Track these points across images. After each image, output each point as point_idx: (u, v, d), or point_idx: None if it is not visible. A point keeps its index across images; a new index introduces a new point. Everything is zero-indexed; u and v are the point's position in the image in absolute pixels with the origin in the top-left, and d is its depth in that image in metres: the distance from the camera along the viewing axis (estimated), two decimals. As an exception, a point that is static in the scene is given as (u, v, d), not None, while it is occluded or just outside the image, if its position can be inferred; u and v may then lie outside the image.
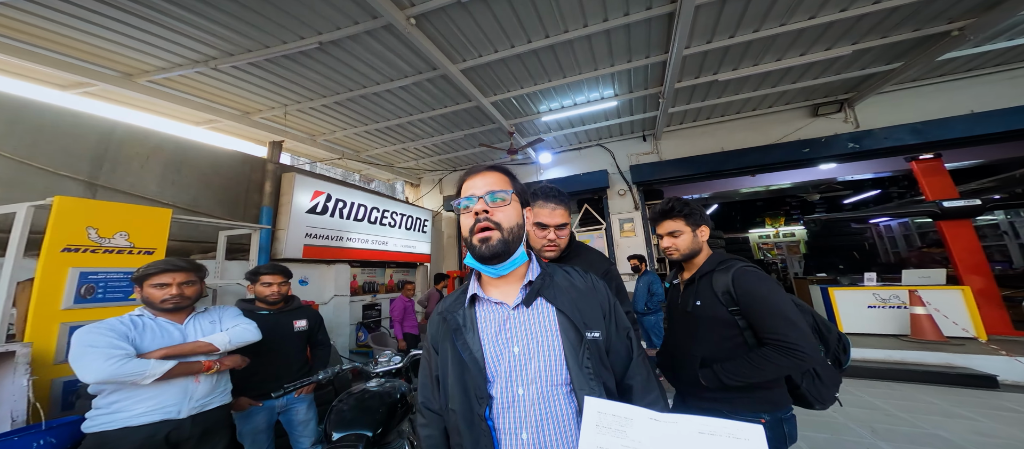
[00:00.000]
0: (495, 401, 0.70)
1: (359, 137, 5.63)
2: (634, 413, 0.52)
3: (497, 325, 0.75)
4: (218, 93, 4.20)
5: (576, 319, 0.72)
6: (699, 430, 0.47)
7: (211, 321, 1.50)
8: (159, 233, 2.17)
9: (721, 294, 1.16)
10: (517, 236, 0.76)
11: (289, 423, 1.81)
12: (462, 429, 0.70)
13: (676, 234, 1.28)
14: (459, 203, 0.78)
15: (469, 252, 0.77)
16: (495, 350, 0.73)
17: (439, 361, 0.78)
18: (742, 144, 5.34)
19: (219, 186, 3.63)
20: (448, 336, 0.77)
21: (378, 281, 5.37)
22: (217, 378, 1.43)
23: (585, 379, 0.68)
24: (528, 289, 0.76)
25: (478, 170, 0.80)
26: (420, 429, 0.81)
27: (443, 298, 0.89)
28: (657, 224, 1.34)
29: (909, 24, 3.36)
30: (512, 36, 3.46)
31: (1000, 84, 4.32)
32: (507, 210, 0.76)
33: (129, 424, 1.21)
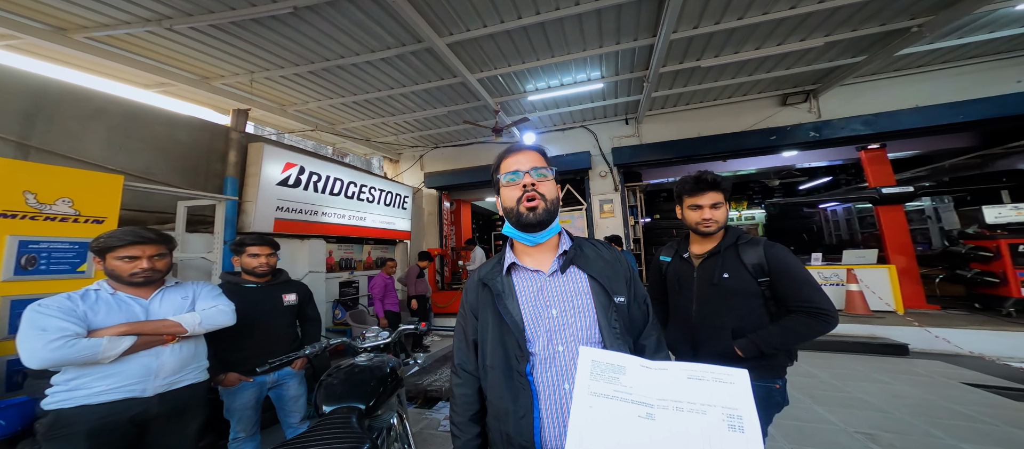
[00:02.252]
0: (536, 358, 0.78)
1: (334, 109, 5.26)
2: (626, 361, 0.53)
3: (535, 290, 0.83)
4: (172, 55, 3.74)
5: (606, 285, 0.80)
6: (688, 375, 0.48)
7: (183, 297, 1.39)
8: (109, 201, 1.97)
9: (751, 266, 1.19)
10: (556, 207, 0.84)
11: (279, 399, 1.77)
12: (502, 384, 0.77)
13: (718, 206, 1.24)
14: (502, 177, 0.85)
15: (509, 222, 0.85)
16: (534, 313, 0.80)
17: (479, 325, 0.85)
18: (718, 130, 5.58)
19: (176, 154, 3.32)
20: (490, 302, 0.84)
21: (355, 258, 5.21)
22: (190, 355, 1.34)
23: (614, 337, 0.76)
24: (563, 258, 0.84)
25: (518, 149, 0.88)
26: (455, 388, 0.88)
27: (478, 267, 0.95)
28: (695, 195, 1.26)
29: (877, 19, 3.58)
30: (503, 11, 3.32)
31: (944, 80, 4.77)
32: (549, 185, 0.83)
33: (88, 402, 1.13)
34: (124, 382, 1.18)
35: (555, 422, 0.73)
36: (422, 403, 3.02)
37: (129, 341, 1.19)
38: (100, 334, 1.16)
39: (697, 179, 1.25)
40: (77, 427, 1.12)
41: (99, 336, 1.16)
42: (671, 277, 1.37)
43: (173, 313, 1.32)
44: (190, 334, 1.32)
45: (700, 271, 1.28)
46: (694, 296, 1.27)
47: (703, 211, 1.25)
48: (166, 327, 1.27)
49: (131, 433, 1.20)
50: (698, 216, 1.26)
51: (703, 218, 1.25)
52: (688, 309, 1.28)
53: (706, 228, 1.25)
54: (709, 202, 1.24)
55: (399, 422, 1.70)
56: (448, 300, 6.45)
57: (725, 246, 1.25)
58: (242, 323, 1.52)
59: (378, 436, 1.46)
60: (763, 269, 1.19)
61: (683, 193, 1.30)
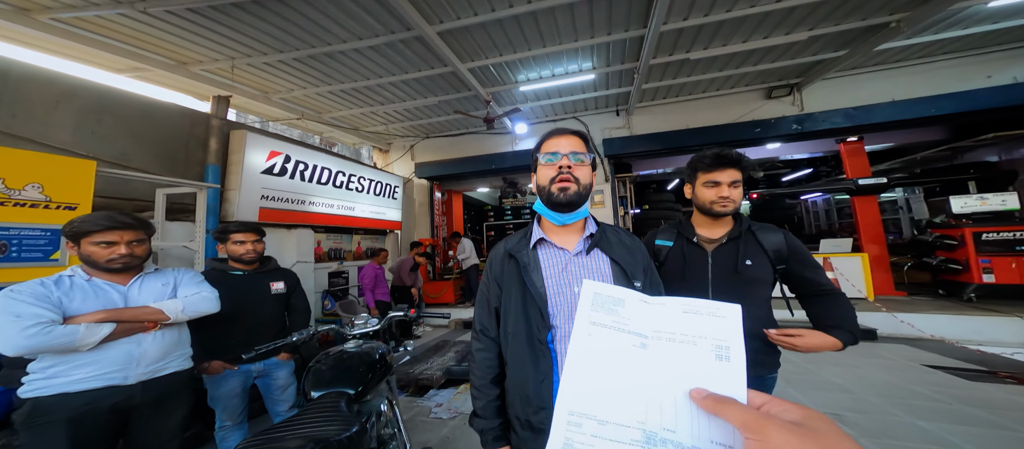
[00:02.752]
0: (557, 330, 0.82)
1: (321, 97, 5.12)
2: (626, 294, 0.55)
3: (560, 267, 0.87)
4: (147, 39, 3.56)
5: (627, 269, 0.85)
6: (684, 310, 0.50)
7: (164, 284, 1.36)
8: (81, 187, 1.91)
9: (772, 252, 1.14)
10: (588, 191, 0.88)
11: (267, 387, 1.76)
12: (524, 351, 0.81)
13: (736, 185, 1.14)
14: (542, 157, 0.88)
15: (540, 199, 0.90)
16: (557, 287, 0.84)
17: (503, 295, 0.89)
18: (705, 122, 5.67)
19: (152, 140, 3.21)
20: (515, 272, 0.88)
21: (345, 248, 5.16)
22: (173, 342, 1.32)
23: None
24: (590, 240, 0.88)
25: (562, 132, 0.90)
26: (476, 353, 0.93)
27: (504, 240, 0.98)
28: (714, 170, 1.14)
29: (859, 13, 3.67)
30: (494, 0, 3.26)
31: (919, 75, 4.94)
32: (585, 170, 0.87)
33: (67, 390, 1.11)
34: (104, 369, 1.16)
35: None
36: (414, 391, 3.05)
37: (108, 328, 1.17)
38: (77, 321, 1.13)
39: (718, 154, 1.14)
40: (56, 415, 1.10)
41: (76, 323, 1.13)
42: (673, 263, 1.23)
43: (154, 300, 1.30)
44: (173, 321, 1.30)
45: (716, 257, 1.17)
46: (710, 284, 1.16)
47: (721, 188, 1.13)
48: (147, 314, 1.24)
49: (113, 421, 1.18)
50: (714, 194, 1.14)
51: (721, 196, 1.13)
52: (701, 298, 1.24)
53: (723, 207, 1.13)
54: (728, 179, 1.13)
55: (389, 408, 1.72)
56: (439, 290, 6.46)
57: (743, 230, 1.16)
58: (228, 310, 1.50)
59: (367, 420, 1.48)
60: (782, 256, 1.14)
61: (699, 168, 1.18)
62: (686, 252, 1.21)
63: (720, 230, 1.19)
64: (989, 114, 4.77)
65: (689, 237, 1.22)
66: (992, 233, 4.39)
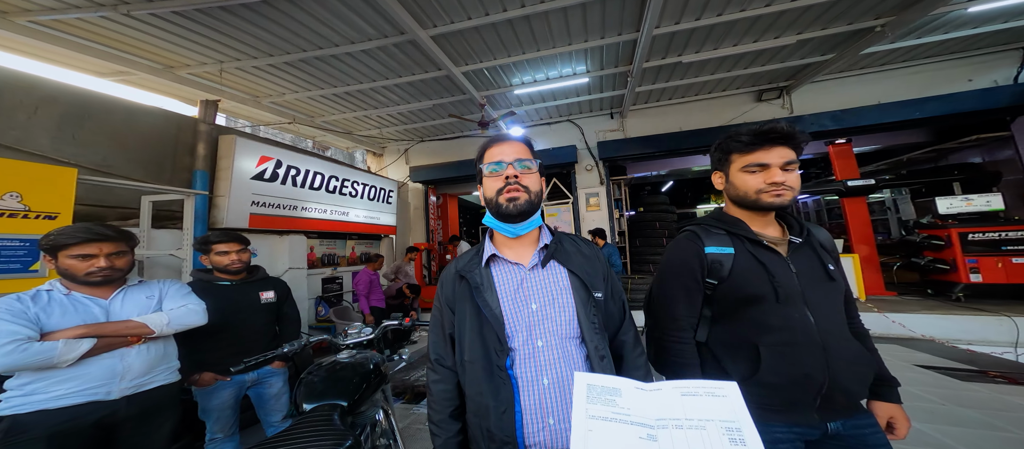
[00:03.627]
0: (516, 353, 0.76)
1: (313, 101, 5.06)
2: (621, 383, 0.54)
3: (515, 284, 0.81)
4: (131, 42, 3.49)
5: (586, 280, 0.80)
6: (681, 392, 0.49)
7: (148, 296, 1.32)
8: (62, 195, 1.86)
9: (834, 252, 0.91)
10: (539, 199, 0.83)
11: (260, 397, 1.72)
12: (482, 379, 0.75)
13: (793, 167, 0.83)
14: (485, 167, 0.83)
15: (490, 212, 0.84)
16: (514, 306, 0.79)
17: (456, 319, 0.83)
18: (698, 125, 5.73)
19: (137, 146, 3.14)
20: (467, 295, 0.81)
21: (338, 253, 5.10)
22: (159, 356, 1.29)
23: (593, 331, 0.76)
24: (544, 252, 0.83)
25: (503, 139, 0.85)
26: (432, 385, 0.85)
27: (455, 259, 0.91)
28: (755, 150, 0.84)
29: (845, 17, 3.75)
30: (487, 3, 3.27)
31: (904, 79, 5.07)
32: (532, 177, 0.82)
33: (46, 407, 1.07)
34: (86, 385, 1.12)
35: (535, 417, 0.72)
36: (410, 399, 3.01)
37: (88, 344, 1.13)
38: (56, 337, 1.09)
39: (761, 128, 0.84)
40: (35, 432, 1.05)
41: (54, 339, 1.09)
42: (751, 277, 0.85)
43: (137, 313, 1.26)
44: (158, 335, 1.26)
45: (799, 262, 0.85)
46: (806, 302, 0.82)
47: (771, 172, 0.82)
48: (130, 328, 1.21)
49: (97, 437, 1.14)
50: (761, 180, 0.83)
51: (771, 182, 0.82)
52: (804, 327, 0.80)
53: (777, 197, 0.83)
54: (780, 159, 0.82)
55: (385, 418, 1.69)
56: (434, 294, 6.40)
57: (806, 227, 0.91)
58: (217, 322, 1.47)
59: (362, 432, 1.44)
60: (837, 259, 0.91)
61: (733, 150, 0.89)
62: (765, 260, 0.85)
63: (772, 228, 0.91)
64: (972, 117, 4.90)
65: (754, 238, 0.88)
66: (978, 233, 4.49)
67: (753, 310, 0.84)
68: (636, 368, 0.82)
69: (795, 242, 0.89)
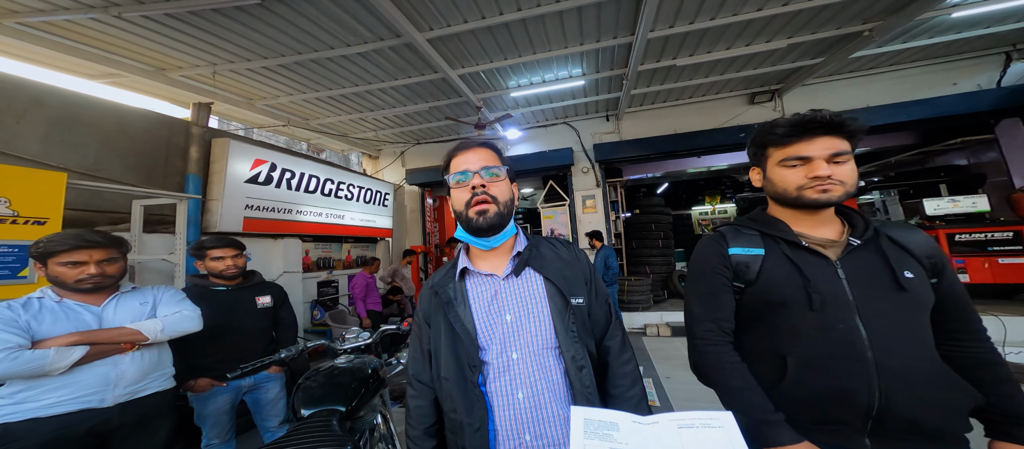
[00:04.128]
0: (490, 367, 0.74)
1: (308, 104, 5.04)
2: (618, 417, 0.54)
3: (489, 296, 0.78)
4: (122, 44, 3.45)
5: (562, 286, 0.76)
6: (678, 425, 0.49)
7: (142, 303, 1.31)
8: (51, 200, 1.83)
9: (927, 259, 0.73)
10: (510, 210, 0.79)
11: (257, 403, 1.71)
12: (455, 396, 0.73)
13: (844, 159, 0.72)
14: (450, 178, 0.79)
15: (460, 226, 0.80)
16: (487, 320, 0.76)
17: (432, 334, 0.80)
18: (692, 127, 5.80)
19: (128, 149, 3.11)
20: (440, 309, 0.79)
21: (334, 257, 5.07)
22: (153, 362, 1.27)
23: (571, 341, 0.73)
24: (517, 260, 0.79)
25: (468, 146, 0.80)
26: (410, 400, 0.83)
27: (436, 271, 0.89)
28: (794, 141, 0.75)
29: (834, 22, 3.84)
30: (483, 7, 3.30)
31: (891, 82, 5.19)
32: (501, 185, 0.78)
33: (38, 415, 1.06)
34: (79, 393, 1.11)
35: (510, 435, 0.70)
36: (407, 402, 2.98)
37: (81, 351, 1.11)
38: (47, 345, 1.08)
39: (800, 117, 0.74)
40: (27, 441, 1.04)
41: (46, 347, 1.07)
42: (782, 282, 0.76)
43: (131, 320, 1.24)
44: (152, 342, 1.25)
45: (851, 268, 0.73)
46: (858, 313, 0.71)
47: (814, 165, 0.72)
48: (123, 335, 1.19)
49: (90, 445, 1.13)
50: (802, 175, 0.74)
51: (814, 176, 0.72)
52: (848, 339, 0.70)
53: (823, 193, 0.72)
54: (824, 151, 0.72)
55: (383, 423, 1.68)
56: (432, 299, 6.38)
57: (874, 226, 0.76)
58: (213, 327, 1.46)
59: (360, 437, 1.44)
60: (936, 267, 0.74)
61: (769, 144, 0.79)
62: (800, 263, 0.75)
63: (828, 228, 0.79)
64: (957, 120, 5.02)
65: (791, 239, 0.78)
66: (965, 234, 4.59)
67: (782, 317, 0.75)
68: (622, 376, 0.76)
69: (853, 244, 0.75)
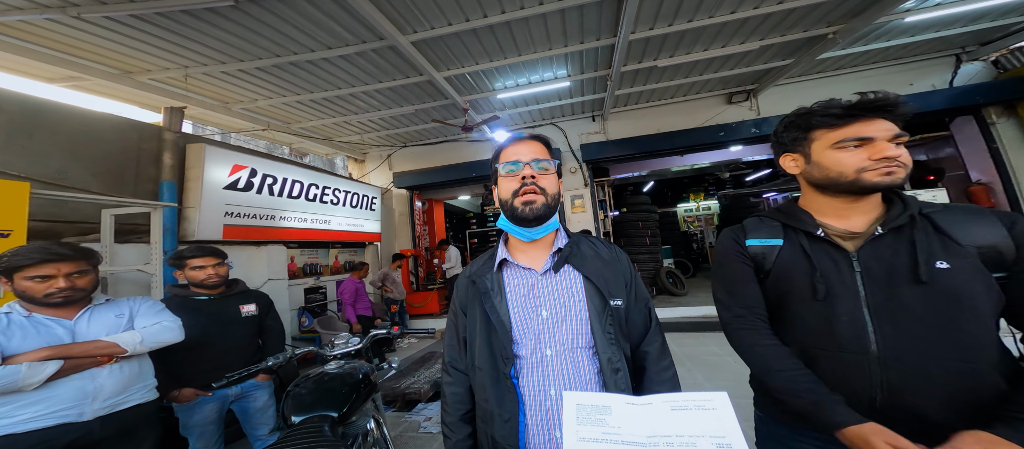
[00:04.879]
0: (523, 361, 0.74)
1: (288, 107, 4.92)
2: (611, 400, 0.53)
3: (526, 289, 0.78)
4: (84, 46, 3.28)
5: (601, 286, 0.75)
6: (672, 406, 0.49)
7: (117, 315, 1.27)
8: (14, 211, 1.74)
9: (983, 249, 0.65)
10: (556, 202, 0.80)
11: (245, 411, 1.67)
12: (488, 387, 0.74)
13: (901, 140, 0.70)
14: (501, 168, 0.80)
15: (504, 215, 0.81)
16: (523, 314, 0.76)
17: (467, 323, 0.82)
18: (674, 127, 5.99)
19: (95, 156, 2.97)
20: (477, 299, 0.80)
21: (321, 263, 4.96)
22: (133, 375, 1.23)
23: (607, 342, 0.72)
24: (557, 256, 0.79)
25: (520, 138, 0.82)
26: (446, 387, 0.84)
27: (470, 262, 0.90)
28: (859, 120, 0.69)
29: (801, 25, 4.05)
30: (467, 9, 3.31)
31: (855, 83, 5.51)
32: (550, 178, 0.79)
33: (14, 431, 1.02)
34: (55, 407, 1.07)
35: (541, 429, 0.70)
36: (401, 406, 2.96)
37: (54, 366, 1.07)
38: (19, 360, 1.03)
39: (857, 101, 0.70)
40: None
41: (18, 362, 1.03)
42: (792, 274, 0.76)
43: (106, 332, 1.21)
44: (132, 354, 1.21)
45: (868, 259, 0.71)
46: (866, 307, 0.69)
47: (878, 146, 0.68)
48: (99, 348, 1.15)
49: None
50: (864, 156, 0.69)
51: (882, 157, 0.67)
52: (852, 333, 0.69)
53: (889, 175, 0.68)
54: (886, 133, 0.68)
55: (376, 427, 1.67)
56: (423, 301, 6.32)
57: (914, 214, 0.70)
58: (196, 337, 1.43)
59: (354, 442, 1.43)
60: (1004, 256, 0.65)
61: (817, 126, 0.75)
62: (813, 254, 0.74)
63: (862, 218, 0.74)
64: (914, 118, 5.27)
65: (809, 230, 0.76)
66: (924, 221, 4.89)
67: (790, 307, 0.75)
68: (661, 383, 0.75)
69: (877, 233, 0.70)
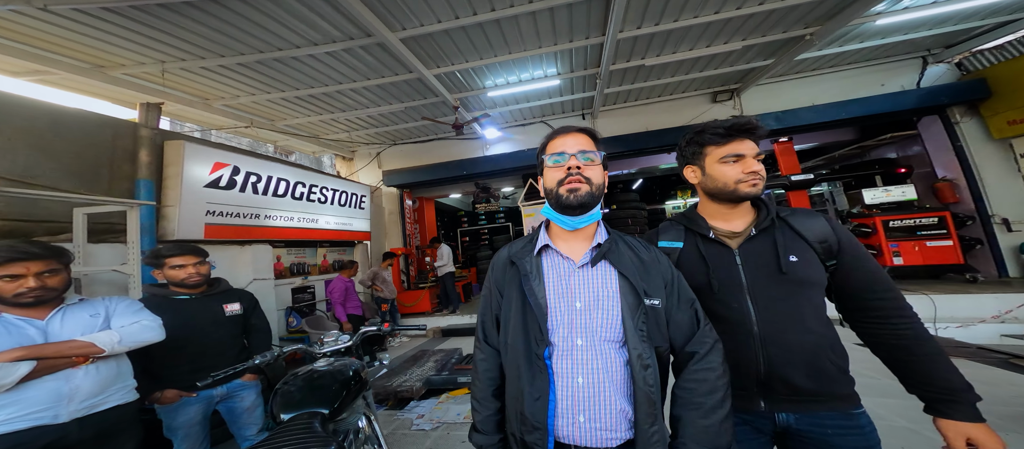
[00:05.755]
0: (555, 347, 0.77)
1: (273, 104, 4.80)
2: None
3: (563, 279, 0.81)
4: (52, 40, 3.14)
5: (637, 284, 0.77)
6: None
7: (92, 314, 1.24)
8: None
9: (818, 244, 0.86)
10: (600, 193, 0.82)
11: (232, 411, 1.64)
12: (521, 365, 0.77)
13: (760, 157, 0.89)
14: (548, 159, 0.83)
15: (549, 203, 0.84)
16: (558, 301, 0.79)
17: (503, 302, 0.84)
18: (662, 125, 6.11)
19: (65, 153, 2.84)
20: (516, 280, 0.83)
21: (309, 262, 4.87)
22: (111, 375, 1.20)
23: (639, 339, 0.74)
24: (597, 250, 0.81)
25: (568, 130, 0.84)
26: (478, 362, 0.88)
27: (508, 245, 0.92)
28: (731, 141, 0.89)
29: (780, 25, 4.20)
30: (457, 7, 3.30)
31: (831, 83, 5.74)
32: (596, 169, 0.82)
33: None
34: (28, 410, 1.03)
35: (568, 410, 0.73)
36: (393, 404, 2.94)
37: (27, 367, 1.03)
38: None
39: (735, 121, 0.89)
40: None
41: None
42: (691, 270, 0.91)
43: (81, 332, 1.18)
44: (109, 354, 1.17)
45: (747, 255, 0.88)
46: (747, 293, 0.86)
47: (747, 162, 0.87)
48: (74, 348, 1.12)
49: None
50: (740, 170, 0.87)
51: (749, 172, 0.87)
52: (740, 317, 0.85)
53: (754, 187, 0.87)
54: (753, 151, 0.88)
55: (368, 424, 1.66)
56: (414, 299, 6.27)
57: (773, 217, 0.90)
58: (177, 337, 1.39)
59: (344, 439, 1.42)
60: (831, 249, 0.86)
61: (709, 142, 0.92)
62: (706, 253, 0.91)
63: (741, 220, 0.93)
64: (886, 117, 5.64)
65: (703, 232, 0.93)
66: (897, 220, 5.16)
67: (699, 299, 0.86)
68: (700, 382, 0.74)
69: (752, 233, 0.90)
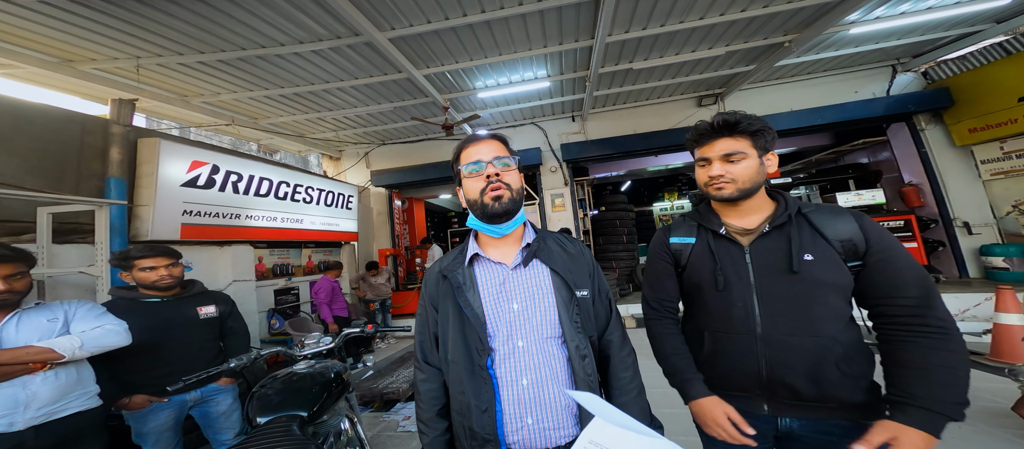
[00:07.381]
0: (496, 353, 0.77)
1: (255, 102, 4.67)
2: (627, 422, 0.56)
3: (497, 284, 0.81)
4: (13, 31, 2.97)
5: (568, 279, 0.79)
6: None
7: (50, 319, 1.18)
8: None
9: (841, 243, 0.79)
10: (521, 196, 0.83)
11: (207, 416, 1.57)
12: (464, 378, 0.75)
13: (735, 158, 0.84)
14: (463, 168, 0.83)
15: (473, 214, 0.84)
16: (496, 306, 0.79)
17: (439, 318, 0.83)
18: (649, 128, 6.24)
19: (28, 150, 2.70)
20: (449, 294, 0.81)
21: (293, 263, 4.74)
22: (71, 382, 1.15)
23: (574, 331, 0.77)
24: (527, 251, 0.82)
25: (479, 138, 0.85)
26: (419, 383, 0.85)
27: (439, 259, 0.91)
28: (703, 144, 0.88)
29: (761, 32, 4.35)
30: (446, 7, 3.29)
31: (809, 89, 5.98)
32: (513, 173, 0.82)
33: None
34: None
35: (515, 416, 0.73)
36: (379, 406, 2.88)
37: None
38: None
39: (701, 125, 0.89)
40: None
41: None
42: (699, 267, 0.90)
43: (37, 338, 1.12)
44: (69, 359, 1.12)
45: (757, 253, 0.84)
46: (755, 293, 0.82)
47: (710, 166, 0.86)
48: (31, 354, 1.06)
49: None
50: (705, 175, 0.88)
51: (710, 176, 0.86)
52: (744, 316, 0.83)
53: (717, 190, 0.86)
54: (718, 152, 0.85)
55: (350, 427, 1.62)
56: (404, 300, 6.18)
57: (794, 213, 0.84)
58: (147, 341, 1.34)
59: (324, 442, 1.38)
60: (857, 250, 0.78)
61: (689, 147, 0.95)
62: (716, 250, 0.88)
63: (754, 216, 0.88)
64: (858, 123, 5.91)
65: (715, 229, 0.90)
66: (868, 221, 5.37)
67: (702, 297, 0.88)
68: (624, 369, 0.81)
69: (764, 230, 0.85)
